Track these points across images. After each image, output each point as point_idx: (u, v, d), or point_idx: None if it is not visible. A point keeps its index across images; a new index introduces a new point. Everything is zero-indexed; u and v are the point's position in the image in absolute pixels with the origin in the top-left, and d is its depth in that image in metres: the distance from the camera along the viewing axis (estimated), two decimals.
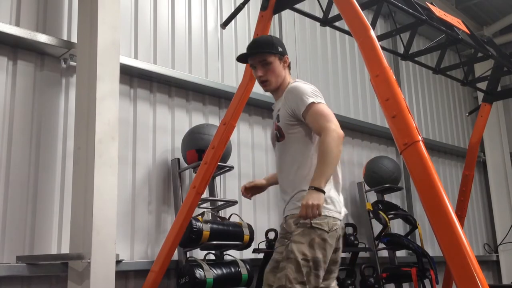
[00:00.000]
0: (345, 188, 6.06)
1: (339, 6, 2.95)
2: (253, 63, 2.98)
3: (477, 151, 5.39)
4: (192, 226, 3.85)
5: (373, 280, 5.36)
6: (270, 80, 2.94)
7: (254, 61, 2.96)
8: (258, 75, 2.94)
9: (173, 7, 4.79)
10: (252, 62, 2.98)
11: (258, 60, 2.94)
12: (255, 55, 2.95)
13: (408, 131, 2.34)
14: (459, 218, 4.29)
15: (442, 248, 2.09)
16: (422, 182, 2.24)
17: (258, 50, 2.93)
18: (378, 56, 2.58)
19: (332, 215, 2.75)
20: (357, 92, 6.58)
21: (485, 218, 8.32)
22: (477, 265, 2.00)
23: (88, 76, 3.56)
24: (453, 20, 4.56)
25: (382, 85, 2.51)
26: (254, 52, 2.95)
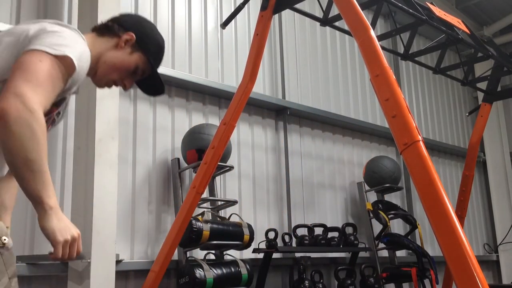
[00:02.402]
0: (345, 188, 6.07)
1: (339, 6, 2.95)
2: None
3: (477, 151, 5.39)
4: (192, 226, 3.85)
5: (373, 280, 5.36)
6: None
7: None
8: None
9: (173, 7, 4.79)
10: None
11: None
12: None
13: (408, 131, 2.34)
14: (459, 218, 4.29)
15: (442, 248, 2.09)
16: (422, 182, 2.24)
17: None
18: (378, 56, 2.58)
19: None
20: (357, 92, 6.58)
21: (485, 218, 8.31)
22: (477, 265, 2.00)
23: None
24: (453, 20, 4.56)
25: (382, 85, 2.51)
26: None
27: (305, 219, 5.48)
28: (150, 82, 2.04)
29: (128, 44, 1.91)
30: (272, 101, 5.31)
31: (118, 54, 1.90)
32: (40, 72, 1.49)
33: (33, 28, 1.63)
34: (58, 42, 1.58)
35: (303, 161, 5.66)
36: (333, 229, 5.22)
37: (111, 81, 1.94)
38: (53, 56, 1.54)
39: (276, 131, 5.48)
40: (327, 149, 6.00)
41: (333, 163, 6.03)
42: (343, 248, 5.33)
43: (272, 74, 5.58)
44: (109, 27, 1.93)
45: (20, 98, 1.41)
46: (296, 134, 5.69)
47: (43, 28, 1.63)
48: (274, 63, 5.63)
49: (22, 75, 1.46)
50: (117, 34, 1.91)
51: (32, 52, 1.53)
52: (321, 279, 5.02)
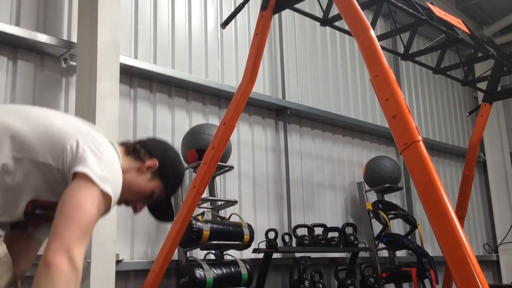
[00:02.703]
0: (345, 188, 6.07)
1: (339, 6, 2.95)
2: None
3: (477, 151, 5.39)
4: (192, 226, 3.85)
5: (373, 280, 5.36)
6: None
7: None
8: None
9: (173, 7, 4.79)
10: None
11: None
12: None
13: (408, 131, 2.34)
14: (459, 218, 4.29)
15: (442, 248, 2.09)
16: (422, 182, 2.24)
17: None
18: (378, 56, 2.57)
19: None
20: (357, 92, 6.58)
21: (485, 218, 8.31)
22: (477, 265, 2.00)
23: (88, 76, 3.56)
24: (453, 20, 4.56)
25: (382, 85, 2.51)
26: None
27: (305, 219, 5.48)
28: (161, 207, 2.10)
29: (150, 170, 1.96)
30: (272, 101, 5.31)
31: (138, 179, 1.94)
32: (89, 218, 1.61)
33: (80, 140, 1.72)
34: (107, 173, 1.70)
35: (303, 161, 5.65)
36: (333, 229, 5.22)
37: (123, 200, 1.93)
38: (100, 191, 1.65)
39: (276, 131, 5.48)
40: (327, 149, 6.00)
41: (333, 163, 6.03)
42: (343, 248, 5.33)
43: (272, 74, 5.58)
44: (136, 150, 1.98)
45: (69, 256, 1.52)
46: (296, 134, 5.69)
47: (91, 146, 1.72)
48: (274, 63, 5.63)
49: (75, 222, 1.58)
50: (142, 159, 1.96)
51: (86, 185, 1.64)
52: (321, 279, 5.02)
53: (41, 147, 1.71)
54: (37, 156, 1.70)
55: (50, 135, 1.73)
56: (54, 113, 1.92)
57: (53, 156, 1.71)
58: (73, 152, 1.71)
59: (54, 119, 1.81)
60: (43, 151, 1.71)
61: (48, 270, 1.49)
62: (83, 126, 1.86)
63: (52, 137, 1.73)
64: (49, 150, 1.71)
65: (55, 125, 1.77)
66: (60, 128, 1.76)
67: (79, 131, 1.79)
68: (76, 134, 1.75)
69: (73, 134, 1.75)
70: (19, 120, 1.74)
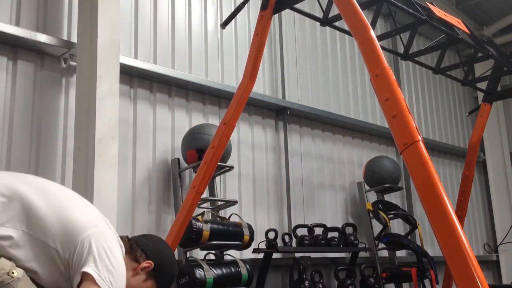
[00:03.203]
0: (345, 188, 6.07)
1: (339, 6, 2.95)
2: None
3: (477, 151, 5.39)
4: (192, 226, 3.85)
5: (373, 280, 5.36)
6: None
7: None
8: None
9: (173, 7, 4.79)
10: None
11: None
12: None
13: (408, 131, 2.34)
14: (459, 218, 4.29)
15: (442, 248, 2.09)
16: (422, 182, 2.24)
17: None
18: (378, 56, 2.57)
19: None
20: (357, 92, 6.58)
21: (485, 218, 8.31)
22: (477, 265, 2.00)
23: (88, 76, 3.56)
24: (453, 20, 4.56)
25: (382, 85, 2.51)
26: None
27: (305, 219, 5.48)
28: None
29: (144, 270, 2.00)
30: (272, 101, 5.30)
31: (133, 280, 1.96)
32: None
33: (92, 239, 1.74)
34: (113, 279, 1.71)
35: (303, 161, 5.65)
36: (333, 229, 5.22)
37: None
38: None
39: (276, 131, 5.48)
40: (327, 149, 6.00)
41: (333, 163, 6.03)
42: (343, 248, 5.33)
43: (272, 74, 5.58)
44: (132, 249, 2.01)
45: None
46: (296, 134, 5.69)
47: (103, 247, 1.74)
48: (274, 63, 5.63)
49: None
50: (138, 259, 1.99)
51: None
52: (321, 279, 5.02)
53: (54, 232, 1.73)
54: (47, 238, 1.72)
55: (65, 222, 1.75)
56: (76, 200, 1.93)
57: (62, 244, 1.73)
58: (83, 248, 1.72)
59: (74, 208, 1.83)
60: (55, 236, 1.72)
61: None
62: (100, 221, 1.87)
63: (66, 225, 1.75)
64: (60, 237, 1.73)
65: (73, 214, 1.79)
66: (76, 218, 1.78)
67: (95, 226, 1.81)
68: (90, 229, 1.77)
69: (88, 228, 1.77)
70: (41, 198, 1.77)
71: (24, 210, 1.73)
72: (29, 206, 1.74)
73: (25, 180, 1.88)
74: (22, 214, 1.73)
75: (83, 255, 1.70)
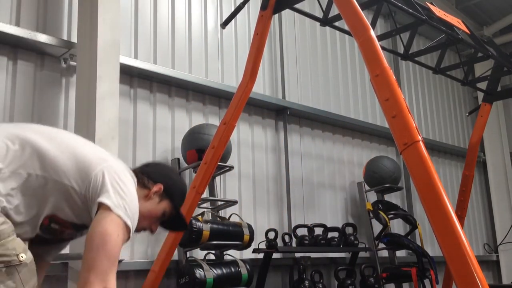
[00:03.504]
0: (345, 188, 6.07)
1: (339, 6, 2.95)
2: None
3: (477, 151, 5.39)
4: (192, 226, 3.85)
5: (373, 280, 5.35)
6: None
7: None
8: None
9: (173, 7, 4.79)
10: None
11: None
12: None
13: (408, 131, 2.34)
14: (459, 218, 4.29)
15: (442, 248, 2.09)
16: (422, 182, 2.24)
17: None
18: (378, 56, 2.58)
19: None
20: (357, 92, 6.58)
21: (485, 218, 8.31)
22: (477, 265, 2.00)
23: (88, 76, 3.56)
24: (453, 20, 4.56)
25: (382, 85, 2.51)
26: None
27: (305, 219, 5.48)
28: (173, 220, 2.26)
29: (157, 194, 2.13)
30: (272, 101, 5.30)
31: (147, 205, 2.09)
32: (116, 249, 1.77)
33: (105, 171, 1.88)
34: (127, 204, 1.85)
35: (303, 161, 5.65)
36: (333, 229, 5.22)
37: (140, 228, 2.08)
38: (123, 223, 1.81)
39: (276, 131, 5.48)
40: (327, 149, 6.00)
41: (333, 163, 6.03)
42: (343, 248, 5.33)
43: (272, 74, 5.58)
44: (139, 178, 2.12)
45: (104, 286, 1.70)
46: (296, 134, 5.69)
47: (115, 177, 1.88)
48: (274, 63, 5.63)
49: (106, 254, 1.74)
50: (147, 186, 2.12)
51: (110, 217, 1.80)
52: (321, 279, 5.02)
53: (67, 171, 1.85)
54: (62, 178, 1.85)
55: (77, 161, 1.88)
56: (81, 141, 2.05)
57: (77, 181, 1.86)
58: (97, 181, 1.86)
59: (82, 147, 1.95)
60: (69, 174, 1.85)
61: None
62: (108, 156, 2.01)
63: (78, 163, 1.87)
64: (74, 175, 1.86)
65: (82, 153, 1.92)
66: (86, 156, 1.91)
67: (104, 161, 1.93)
68: (101, 164, 1.90)
69: (99, 164, 1.90)
70: (49, 142, 1.87)
71: (36, 155, 1.83)
72: (40, 150, 1.84)
73: (30, 128, 1.98)
74: (34, 158, 1.82)
75: (98, 187, 1.84)
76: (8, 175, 1.77)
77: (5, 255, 1.68)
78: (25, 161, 1.81)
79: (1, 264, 1.66)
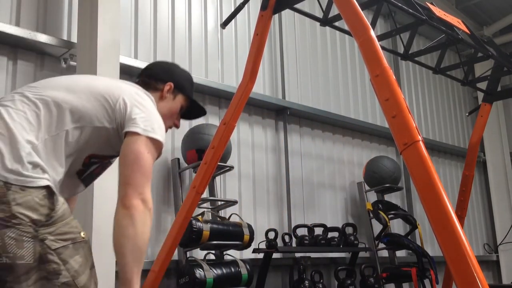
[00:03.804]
0: (345, 188, 6.07)
1: (339, 6, 2.94)
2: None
3: (477, 151, 5.38)
4: (192, 226, 3.85)
5: (373, 280, 5.36)
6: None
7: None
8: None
9: (173, 7, 4.79)
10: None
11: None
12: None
13: (408, 131, 2.34)
14: (459, 218, 4.29)
15: (442, 248, 2.09)
16: (422, 182, 2.24)
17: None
18: (378, 56, 2.57)
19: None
20: (357, 92, 6.58)
21: (485, 218, 8.32)
22: (477, 265, 2.00)
23: None
24: (453, 20, 4.56)
25: (382, 85, 2.50)
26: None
27: (305, 219, 5.48)
28: (191, 110, 2.41)
29: (169, 92, 2.26)
30: (272, 101, 5.31)
31: (164, 104, 2.25)
32: (148, 165, 1.93)
33: (125, 99, 2.01)
34: (152, 125, 1.99)
35: (303, 161, 5.66)
36: (333, 229, 5.22)
37: (166, 128, 2.20)
38: (151, 140, 1.95)
39: (276, 131, 5.48)
40: (327, 149, 6.00)
41: (333, 163, 6.03)
42: (343, 248, 5.33)
43: (272, 74, 5.58)
44: (148, 84, 2.24)
45: (142, 198, 1.88)
46: (296, 134, 5.69)
47: (135, 103, 2.01)
48: (274, 63, 5.63)
49: (140, 170, 1.91)
50: (158, 88, 2.25)
51: (139, 138, 1.94)
52: (321, 279, 5.02)
53: (96, 114, 1.96)
54: (95, 122, 1.96)
55: (99, 101, 1.98)
56: (94, 79, 2.16)
57: (106, 118, 1.97)
58: (121, 110, 1.98)
59: (97, 86, 2.04)
60: (98, 116, 1.96)
61: (129, 211, 1.86)
62: (121, 83, 2.13)
63: (101, 102, 1.98)
64: (103, 114, 1.97)
65: (100, 91, 2.01)
66: (105, 92, 2.01)
67: (121, 89, 2.04)
68: (120, 94, 2.01)
69: (118, 94, 2.01)
70: (71, 95, 1.96)
71: (62, 110, 1.92)
72: (65, 105, 1.93)
73: (48, 85, 2.02)
74: (63, 114, 1.91)
75: (124, 118, 1.97)
76: (45, 144, 1.85)
77: (71, 232, 1.79)
78: (56, 121, 1.90)
79: (68, 241, 1.76)
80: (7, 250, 1.63)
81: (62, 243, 1.74)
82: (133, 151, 1.92)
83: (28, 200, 1.69)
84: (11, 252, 1.63)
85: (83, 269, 1.79)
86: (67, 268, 1.72)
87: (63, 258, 1.72)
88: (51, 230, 1.72)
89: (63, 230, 1.76)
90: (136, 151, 1.92)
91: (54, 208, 1.75)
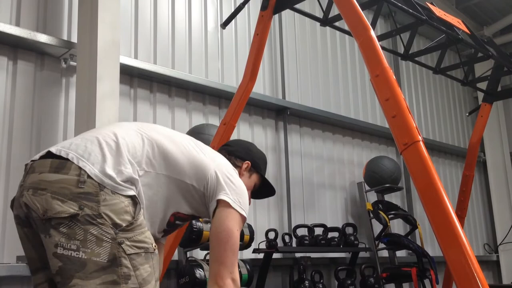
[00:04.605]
0: (345, 188, 6.07)
1: (339, 6, 2.95)
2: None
3: (477, 151, 5.39)
4: (192, 226, 3.85)
5: (373, 280, 5.36)
6: None
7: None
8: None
9: (173, 7, 4.79)
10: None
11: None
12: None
13: (408, 131, 2.34)
14: (459, 218, 4.29)
15: (442, 248, 2.09)
16: (422, 182, 2.24)
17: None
18: (378, 56, 2.58)
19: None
20: (357, 92, 6.58)
21: (485, 218, 8.32)
22: (477, 265, 2.00)
23: (88, 76, 3.56)
24: (453, 20, 4.56)
25: (382, 85, 2.51)
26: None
27: (305, 219, 5.48)
28: (262, 189, 2.50)
29: (246, 170, 2.38)
30: (272, 101, 5.30)
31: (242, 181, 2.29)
32: (238, 243, 2.03)
33: (215, 170, 2.08)
34: (244, 200, 2.08)
35: (303, 161, 5.66)
36: (333, 229, 5.22)
37: None
38: (240, 216, 2.05)
39: (276, 131, 5.48)
40: (327, 149, 6.00)
41: (333, 163, 6.03)
42: (343, 248, 5.33)
43: (272, 74, 5.58)
44: (230, 161, 2.30)
45: (232, 278, 1.96)
46: (296, 134, 5.69)
47: (225, 175, 2.09)
48: (274, 63, 5.63)
49: (231, 249, 2.00)
50: (237, 165, 2.34)
51: (230, 214, 2.03)
52: (321, 279, 5.02)
53: (188, 171, 2.04)
54: (185, 177, 2.04)
55: (194, 162, 2.07)
56: (192, 142, 2.20)
57: (196, 180, 2.05)
58: (213, 180, 2.06)
59: (194, 149, 2.12)
60: (190, 174, 2.04)
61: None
62: (214, 155, 2.20)
63: (195, 164, 2.06)
64: (194, 175, 2.05)
65: (196, 156, 2.10)
66: (201, 159, 2.09)
67: (214, 162, 2.12)
68: (213, 166, 2.09)
69: (211, 165, 2.09)
70: (172, 144, 2.07)
71: (162, 155, 2.01)
72: (165, 151, 2.03)
73: (153, 128, 2.14)
74: (161, 158, 2.01)
75: (215, 186, 2.05)
76: (142, 174, 1.95)
77: (145, 242, 1.85)
78: (154, 161, 1.99)
79: (142, 249, 1.83)
80: (87, 245, 1.71)
81: (136, 250, 1.81)
82: (226, 230, 2.00)
83: (116, 203, 1.80)
84: (89, 248, 1.71)
85: (150, 279, 1.85)
86: (136, 274, 1.79)
87: (135, 265, 1.79)
88: (129, 236, 1.79)
89: (139, 238, 1.83)
90: (228, 229, 2.00)
91: (135, 216, 1.84)
